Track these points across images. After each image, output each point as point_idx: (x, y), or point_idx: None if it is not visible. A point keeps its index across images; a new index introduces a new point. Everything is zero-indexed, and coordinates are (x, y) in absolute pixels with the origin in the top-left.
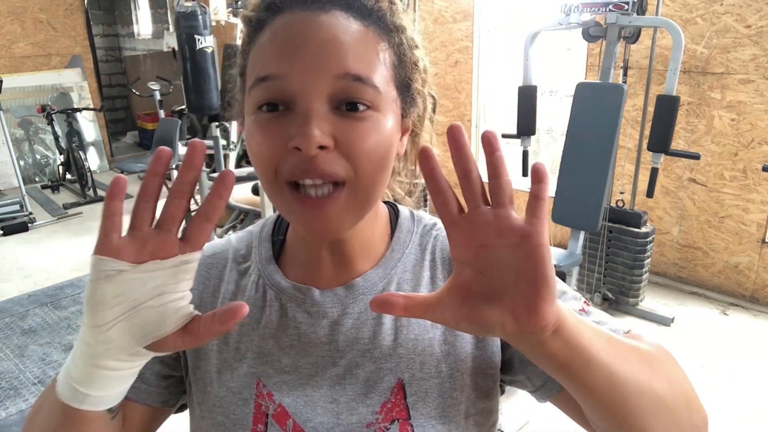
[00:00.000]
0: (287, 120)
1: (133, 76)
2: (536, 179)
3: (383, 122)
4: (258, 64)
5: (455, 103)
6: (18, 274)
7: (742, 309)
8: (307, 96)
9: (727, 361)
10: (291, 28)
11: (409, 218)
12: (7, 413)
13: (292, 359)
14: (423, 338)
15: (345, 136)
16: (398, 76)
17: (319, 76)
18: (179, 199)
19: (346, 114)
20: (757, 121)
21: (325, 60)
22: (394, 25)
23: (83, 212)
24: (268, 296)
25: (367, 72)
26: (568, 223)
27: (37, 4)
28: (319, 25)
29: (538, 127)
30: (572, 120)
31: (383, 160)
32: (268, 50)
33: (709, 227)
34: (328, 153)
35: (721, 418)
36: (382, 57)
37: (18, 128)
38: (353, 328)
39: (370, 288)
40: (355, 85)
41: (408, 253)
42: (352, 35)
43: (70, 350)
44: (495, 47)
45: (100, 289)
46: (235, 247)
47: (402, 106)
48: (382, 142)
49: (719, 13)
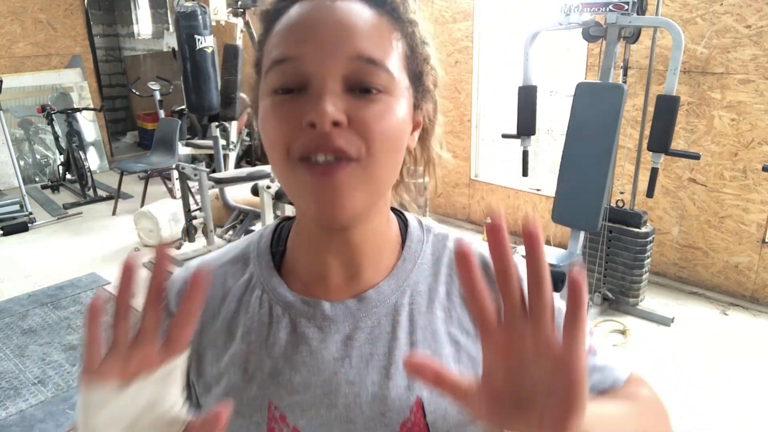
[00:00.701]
0: (302, 101)
1: (133, 76)
2: (573, 293)
3: (396, 106)
4: (274, 49)
5: (455, 103)
6: (18, 274)
7: (742, 309)
8: (321, 76)
9: (727, 361)
10: (306, 13)
11: (418, 227)
12: (7, 413)
13: (304, 377)
14: (440, 354)
15: (359, 115)
16: (410, 66)
17: (334, 56)
18: (153, 309)
19: (360, 95)
20: (757, 121)
21: (339, 41)
22: (408, 18)
23: (83, 212)
24: (275, 312)
25: (381, 56)
26: (568, 223)
27: (37, 4)
28: (334, 9)
29: (538, 127)
30: (572, 120)
31: (395, 143)
32: (283, 35)
33: (709, 227)
34: (342, 130)
35: (721, 418)
36: (395, 44)
37: (18, 128)
38: (367, 344)
39: (383, 301)
40: (369, 68)
41: (420, 263)
42: (367, 21)
43: (70, 350)
44: (495, 47)
45: (93, 417)
46: (232, 260)
47: (414, 95)
48: (394, 125)
49: (719, 13)
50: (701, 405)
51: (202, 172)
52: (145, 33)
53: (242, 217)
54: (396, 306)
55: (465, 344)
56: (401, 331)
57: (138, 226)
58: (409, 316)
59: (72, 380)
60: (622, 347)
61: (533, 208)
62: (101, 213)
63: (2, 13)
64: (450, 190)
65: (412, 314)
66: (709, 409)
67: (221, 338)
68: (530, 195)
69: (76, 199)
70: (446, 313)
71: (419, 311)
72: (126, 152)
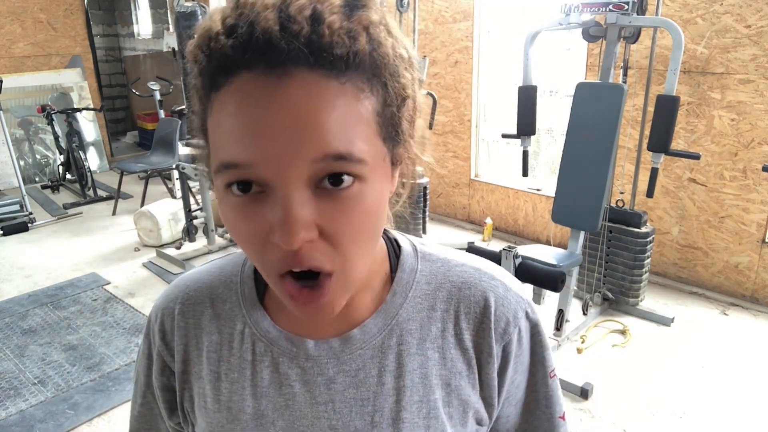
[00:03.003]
0: (264, 204)
1: (133, 76)
2: None
3: (371, 192)
4: (221, 144)
5: (455, 103)
6: (18, 274)
7: (742, 309)
8: (282, 183)
9: (727, 361)
10: (254, 104)
11: (412, 254)
12: (7, 413)
13: (287, 421)
14: (428, 400)
15: (329, 221)
16: (384, 123)
17: (295, 161)
18: None
19: (329, 192)
20: (757, 121)
21: (298, 144)
22: (376, 64)
23: (83, 212)
24: (257, 349)
25: (349, 146)
26: (568, 223)
27: (37, 4)
28: (287, 99)
29: (538, 127)
30: (572, 120)
31: (374, 231)
32: (230, 131)
33: (709, 227)
34: (313, 244)
35: (721, 418)
36: (364, 114)
37: (18, 128)
38: (351, 387)
39: (368, 341)
40: (337, 164)
41: (412, 297)
42: (328, 104)
43: (70, 350)
44: (495, 47)
45: None
46: (215, 284)
47: (391, 154)
48: (371, 213)
49: (719, 13)
50: (701, 405)
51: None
52: (145, 33)
53: None
54: (383, 347)
55: (456, 386)
56: (388, 375)
57: (138, 226)
58: (397, 358)
59: (72, 380)
60: (622, 347)
61: (533, 208)
62: (101, 213)
63: (2, 13)
64: (450, 190)
65: (401, 356)
66: (709, 409)
67: (206, 372)
68: (530, 195)
69: (76, 199)
70: (439, 354)
71: (408, 352)
72: (126, 152)
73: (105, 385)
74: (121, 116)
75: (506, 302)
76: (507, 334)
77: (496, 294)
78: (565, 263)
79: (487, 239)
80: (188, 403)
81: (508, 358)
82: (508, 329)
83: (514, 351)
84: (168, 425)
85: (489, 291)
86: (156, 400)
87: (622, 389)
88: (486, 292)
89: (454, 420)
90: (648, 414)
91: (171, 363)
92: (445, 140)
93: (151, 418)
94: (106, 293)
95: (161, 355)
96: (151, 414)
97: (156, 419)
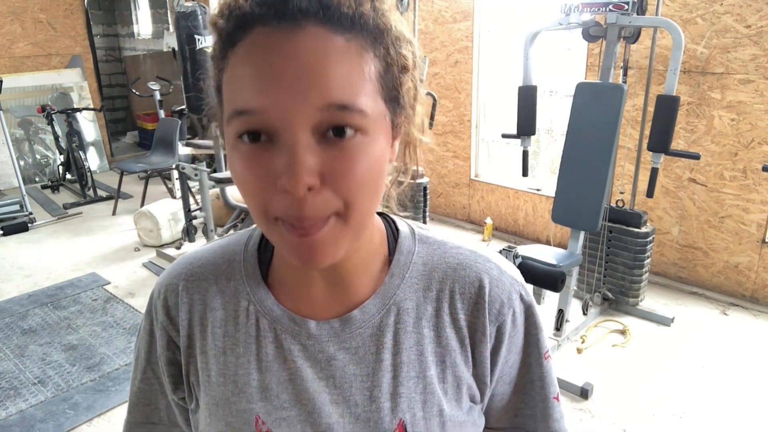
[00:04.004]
0: (271, 152)
1: (133, 76)
2: None
3: (373, 146)
4: (234, 94)
5: (455, 103)
6: (18, 274)
7: (742, 309)
8: (289, 129)
9: (727, 361)
10: (266, 54)
11: (410, 236)
12: (7, 413)
13: (290, 395)
14: (424, 376)
15: (333, 168)
16: (386, 86)
17: (301, 108)
18: None
19: (333, 142)
20: (757, 121)
21: (306, 91)
22: (379, 28)
23: (83, 212)
24: (262, 325)
25: (353, 98)
26: (568, 223)
27: (37, 4)
28: (296, 50)
29: (538, 127)
30: (572, 120)
31: (375, 187)
32: (243, 80)
33: (709, 227)
34: (318, 192)
35: (721, 418)
36: (367, 72)
37: (18, 128)
38: (351, 364)
39: (367, 321)
40: (341, 114)
41: (409, 277)
42: (334, 57)
43: (70, 350)
44: (495, 47)
45: None
46: (218, 262)
47: (392, 117)
48: (372, 169)
49: (719, 13)
50: (701, 405)
51: (203, 171)
52: (145, 33)
53: (243, 217)
54: (381, 326)
55: (451, 364)
56: (386, 352)
57: (138, 226)
58: (394, 336)
59: (72, 380)
60: (622, 347)
61: (533, 208)
62: (101, 213)
63: (2, 13)
64: (450, 190)
65: (398, 334)
66: (709, 409)
67: (210, 347)
68: (530, 195)
69: (76, 199)
70: (434, 332)
71: (405, 330)
72: (126, 152)
73: (105, 385)
74: (121, 116)
75: (501, 284)
76: (501, 315)
77: (491, 276)
78: (565, 263)
79: (487, 239)
80: (194, 376)
81: (502, 339)
82: (502, 310)
83: (508, 332)
84: (171, 399)
85: (483, 273)
86: (155, 377)
87: (622, 389)
88: (480, 273)
89: (449, 395)
90: (648, 414)
91: (176, 338)
92: (445, 140)
93: (151, 394)
94: (106, 293)
95: (165, 329)
96: (150, 389)
97: (155, 395)
